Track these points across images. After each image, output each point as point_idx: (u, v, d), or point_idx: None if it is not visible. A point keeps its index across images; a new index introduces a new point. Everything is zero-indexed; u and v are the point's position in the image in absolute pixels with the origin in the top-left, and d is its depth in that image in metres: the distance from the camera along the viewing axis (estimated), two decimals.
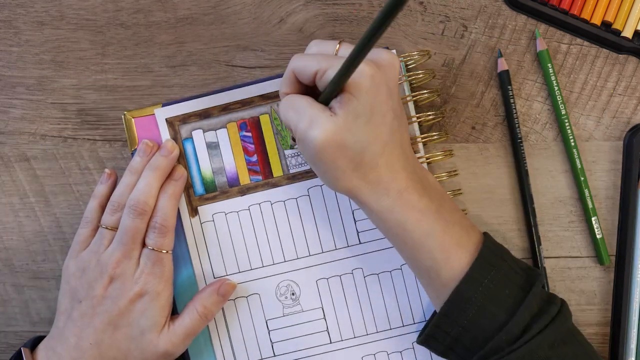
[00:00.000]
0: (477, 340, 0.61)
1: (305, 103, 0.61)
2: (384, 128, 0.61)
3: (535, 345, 0.59)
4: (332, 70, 0.59)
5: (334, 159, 0.60)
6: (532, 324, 0.60)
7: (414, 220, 0.61)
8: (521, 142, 0.73)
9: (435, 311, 0.66)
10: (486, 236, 0.64)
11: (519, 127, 0.73)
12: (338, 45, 0.63)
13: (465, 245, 0.62)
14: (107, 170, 0.71)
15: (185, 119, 0.72)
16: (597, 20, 0.73)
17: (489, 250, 0.62)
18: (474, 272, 0.61)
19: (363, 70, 0.59)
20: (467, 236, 0.63)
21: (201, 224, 0.72)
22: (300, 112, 0.60)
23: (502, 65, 0.73)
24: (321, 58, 0.61)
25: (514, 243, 0.74)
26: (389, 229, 0.63)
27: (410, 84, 0.72)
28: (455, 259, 0.62)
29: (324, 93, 0.60)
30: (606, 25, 0.73)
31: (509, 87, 0.73)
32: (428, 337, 0.64)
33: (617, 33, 0.73)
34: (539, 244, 0.73)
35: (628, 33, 0.72)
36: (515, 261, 0.64)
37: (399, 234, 0.62)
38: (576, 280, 0.74)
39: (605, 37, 0.73)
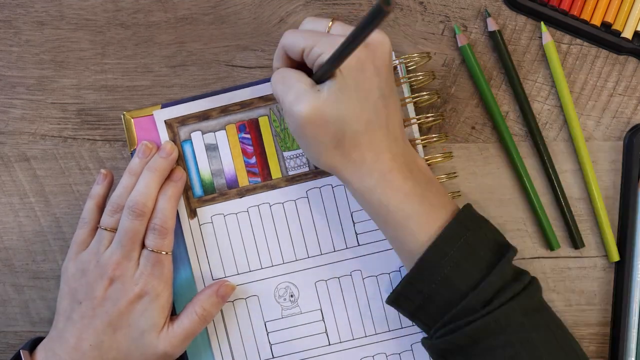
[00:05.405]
0: (449, 299, 0.61)
1: (295, 77, 0.62)
2: (367, 105, 0.61)
3: (510, 310, 0.59)
4: (318, 47, 0.61)
5: (316, 134, 0.61)
6: (505, 287, 0.60)
7: (396, 202, 0.62)
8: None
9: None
10: (467, 205, 0.64)
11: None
12: (330, 23, 0.64)
13: None
14: (103, 171, 0.71)
15: (184, 120, 0.72)
16: (597, 21, 0.72)
17: (466, 216, 0.62)
18: (450, 231, 0.61)
19: None
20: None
21: (200, 225, 0.72)
22: (288, 86, 0.62)
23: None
24: (309, 35, 0.62)
25: (514, 243, 0.73)
26: (372, 208, 0.63)
27: (411, 86, 0.72)
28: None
29: (316, 73, 0.61)
30: (606, 26, 0.73)
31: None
32: (399, 295, 0.63)
33: (617, 34, 0.72)
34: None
35: (628, 34, 0.72)
36: (492, 232, 0.64)
37: (381, 213, 0.63)
38: (576, 280, 0.74)
39: (605, 37, 0.73)
